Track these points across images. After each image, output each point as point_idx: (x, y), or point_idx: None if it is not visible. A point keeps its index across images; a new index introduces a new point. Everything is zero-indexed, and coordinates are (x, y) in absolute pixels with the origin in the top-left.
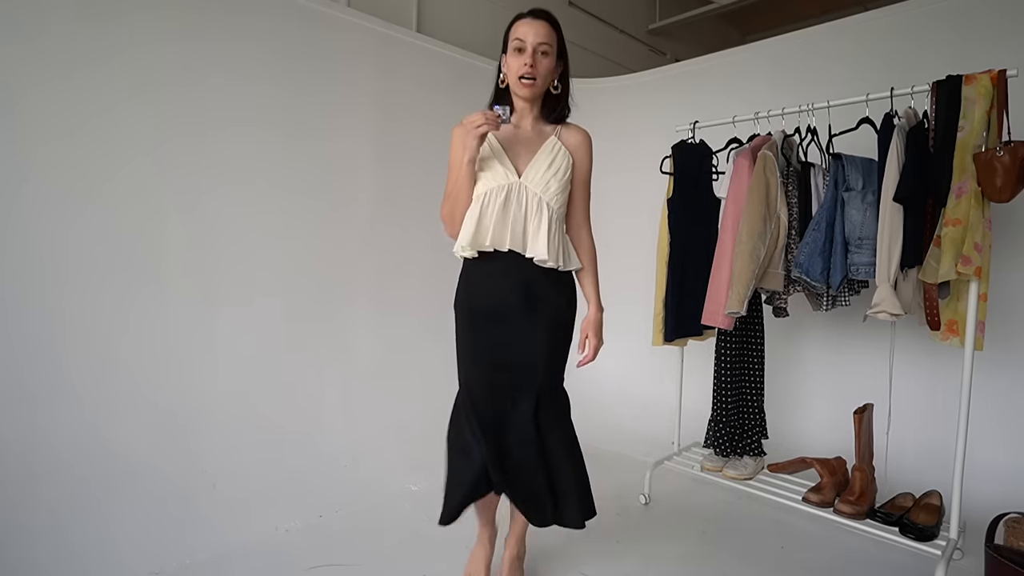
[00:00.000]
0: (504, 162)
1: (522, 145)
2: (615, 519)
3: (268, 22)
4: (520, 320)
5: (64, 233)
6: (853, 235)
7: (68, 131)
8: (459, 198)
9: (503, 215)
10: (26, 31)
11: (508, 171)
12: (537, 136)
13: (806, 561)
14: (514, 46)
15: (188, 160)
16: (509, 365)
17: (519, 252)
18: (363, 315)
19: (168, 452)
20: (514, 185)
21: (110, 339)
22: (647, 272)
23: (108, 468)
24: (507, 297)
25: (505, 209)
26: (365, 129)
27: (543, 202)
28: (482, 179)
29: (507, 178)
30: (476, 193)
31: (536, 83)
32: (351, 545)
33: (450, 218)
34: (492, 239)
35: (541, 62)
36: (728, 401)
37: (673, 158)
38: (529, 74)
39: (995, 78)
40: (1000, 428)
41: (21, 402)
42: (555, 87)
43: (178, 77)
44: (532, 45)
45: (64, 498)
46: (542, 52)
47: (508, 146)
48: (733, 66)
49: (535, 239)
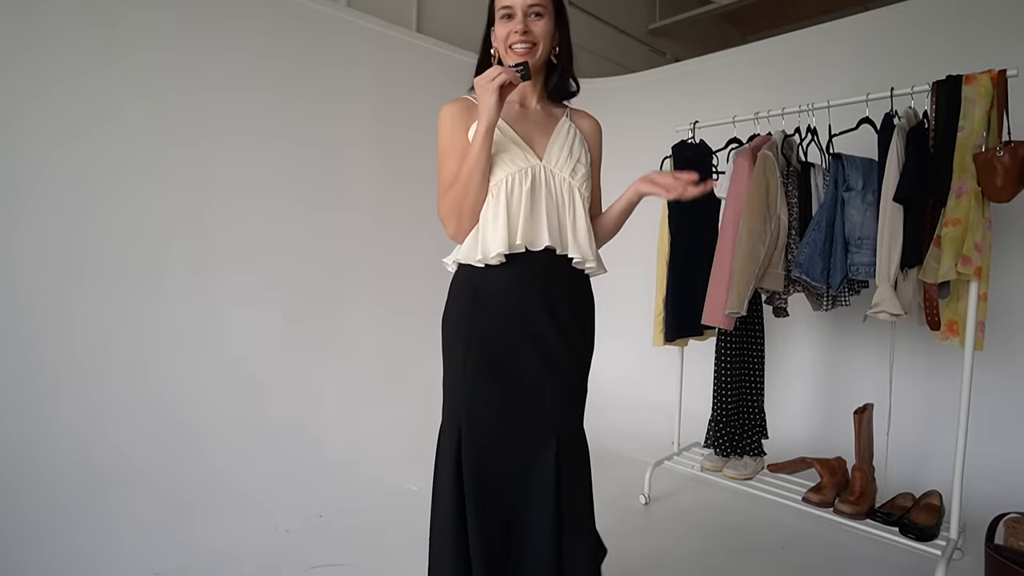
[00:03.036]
0: (519, 143)
1: (533, 127)
2: (615, 519)
3: (267, 21)
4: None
5: (63, 236)
6: (853, 235)
7: (68, 135)
8: (471, 183)
9: (532, 205)
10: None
11: (527, 153)
12: (547, 117)
13: (806, 561)
14: (501, 14)
15: (188, 161)
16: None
17: (548, 250)
18: (363, 315)
19: (168, 452)
20: (538, 168)
21: (110, 339)
22: (647, 272)
23: (108, 468)
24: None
25: (534, 198)
26: (365, 129)
27: (574, 188)
28: (496, 164)
29: (527, 160)
30: (492, 182)
31: (536, 49)
32: (351, 545)
33: (456, 213)
34: (523, 235)
35: (536, 25)
36: (728, 401)
37: (673, 158)
38: (523, 41)
39: (995, 78)
40: (1000, 428)
41: (21, 403)
42: (557, 56)
43: (177, 77)
44: (522, 8)
45: (64, 498)
46: (535, 14)
47: (517, 127)
48: (733, 66)
49: (575, 234)
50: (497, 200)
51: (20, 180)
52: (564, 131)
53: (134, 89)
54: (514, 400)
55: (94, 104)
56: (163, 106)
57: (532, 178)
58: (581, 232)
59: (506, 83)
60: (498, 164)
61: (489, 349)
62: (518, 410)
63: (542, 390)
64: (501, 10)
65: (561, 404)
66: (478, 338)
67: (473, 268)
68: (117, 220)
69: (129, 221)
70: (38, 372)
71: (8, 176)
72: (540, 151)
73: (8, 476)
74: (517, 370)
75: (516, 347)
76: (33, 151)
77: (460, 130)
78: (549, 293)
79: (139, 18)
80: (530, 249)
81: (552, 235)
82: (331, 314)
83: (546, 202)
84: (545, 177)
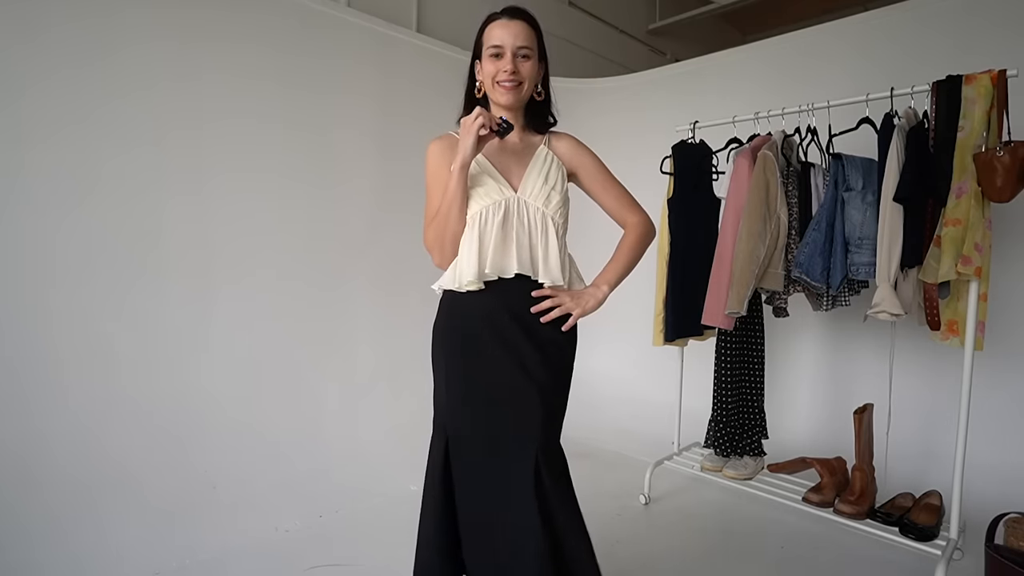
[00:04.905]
0: (495, 176)
1: (510, 158)
2: (615, 519)
3: (267, 22)
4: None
5: (59, 234)
6: (853, 235)
7: (68, 133)
8: (450, 215)
9: (503, 236)
10: (27, 27)
11: (502, 186)
12: (525, 148)
13: (806, 561)
14: (490, 52)
15: (186, 162)
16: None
17: (526, 277)
18: (363, 315)
19: (168, 453)
20: (512, 200)
21: (109, 340)
22: (647, 272)
23: (108, 469)
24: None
25: (505, 229)
26: (365, 130)
27: (547, 217)
28: (473, 198)
29: (502, 193)
30: (468, 214)
31: (521, 88)
32: (351, 545)
33: (439, 243)
34: (493, 265)
35: (523, 66)
36: (728, 401)
37: (673, 158)
38: (511, 79)
39: (995, 78)
40: (1000, 428)
41: (19, 403)
42: (539, 93)
43: (176, 77)
44: (511, 49)
45: (64, 499)
46: (523, 55)
47: (495, 160)
48: (733, 66)
49: (545, 261)
50: (471, 232)
51: (20, 177)
52: (541, 159)
53: (131, 88)
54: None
55: (94, 104)
56: (163, 105)
57: (505, 210)
58: (552, 259)
59: (486, 131)
60: (474, 197)
61: (467, 366)
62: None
63: (519, 403)
64: (490, 48)
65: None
66: (457, 356)
67: (454, 292)
68: (113, 221)
69: (126, 222)
70: (38, 372)
71: (8, 173)
72: (516, 182)
73: (8, 476)
74: (495, 383)
75: (494, 362)
76: (33, 147)
77: (443, 166)
78: (523, 314)
79: (139, 16)
80: (502, 277)
81: (522, 264)
82: (331, 314)
83: (517, 232)
84: (518, 208)
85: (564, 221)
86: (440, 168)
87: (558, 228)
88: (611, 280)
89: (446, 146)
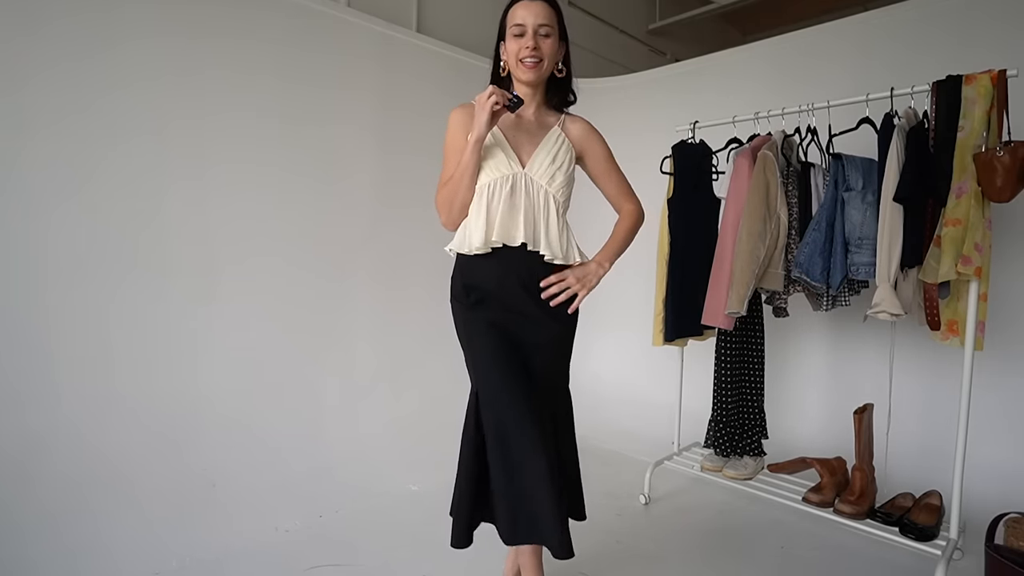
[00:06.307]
0: (507, 151)
1: (524, 135)
2: (615, 519)
3: (267, 22)
4: (530, 315)
5: (58, 231)
6: (853, 235)
7: (67, 130)
8: (461, 183)
9: (510, 207)
10: (29, 21)
11: (512, 161)
12: (540, 126)
13: (806, 561)
14: (513, 32)
15: (186, 161)
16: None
17: (526, 246)
18: (363, 313)
19: (167, 452)
20: (519, 176)
21: (108, 339)
22: (647, 272)
23: (108, 467)
24: (515, 289)
25: (511, 201)
26: (365, 129)
27: (549, 195)
28: (484, 169)
29: (511, 168)
30: (478, 184)
31: (541, 65)
32: (351, 545)
33: (448, 205)
34: (499, 233)
35: (544, 43)
36: (728, 401)
37: (673, 158)
38: (532, 56)
39: (995, 78)
40: (1000, 428)
41: (17, 403)
42: (559, 70)
43: (176, 76)
44: (533, 27)
45: (64, 497)
46: (543, 34)
47: (510, 135)
48: (733, 66)
49: (547, 234)
50: (480, 202)
51: (19, 174)
52: (552, 140)
53: (131, 86)
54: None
55: (89, 95)
56: (159, 108)
57: (512, 184)
58: (552, 233)
59: (499, 107)
60: (485, 169)
61: (488, 291)
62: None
63: (532, 330)
64: (513, 27)
65: (553, 354)
66: (479, 287)
67: (466, 256)
68: (112, 219)
69: (125, 221)
70: (38, 371)
71: (7, 169)
72: (526, 159)
73: (8, 475)
74: (510, 311)
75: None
76: (32, 143)
77: (461, 134)
78: (526, 278)
79: (139, 14)
80: (508, 245)
81: (527, 234)
82: (331, 313)
83: (524, 206)
84: (524, 184)
85: (566, 200)
86: (458, 135)
87: (559, 206)
88: (611, 258)
89: (467, 114)
